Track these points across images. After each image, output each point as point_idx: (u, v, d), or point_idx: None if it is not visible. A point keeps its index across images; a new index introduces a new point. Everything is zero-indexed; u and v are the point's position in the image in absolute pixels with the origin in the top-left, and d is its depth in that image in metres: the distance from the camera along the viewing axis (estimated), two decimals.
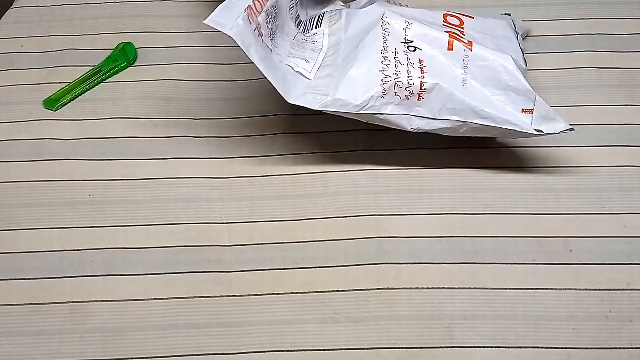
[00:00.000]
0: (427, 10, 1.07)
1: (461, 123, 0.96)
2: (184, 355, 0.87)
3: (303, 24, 1.07)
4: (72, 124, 1.11)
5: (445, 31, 1.01)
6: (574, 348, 0.85)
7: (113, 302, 0.91)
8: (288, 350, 0.86)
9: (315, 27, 1.06)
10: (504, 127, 0.95)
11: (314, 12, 1.10)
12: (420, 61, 0.97)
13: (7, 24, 1.29)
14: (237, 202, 1.00)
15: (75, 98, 1.15)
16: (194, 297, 0.91)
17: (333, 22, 1.06)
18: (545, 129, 0.94)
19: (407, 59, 0.98)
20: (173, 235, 0.97)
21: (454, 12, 1.08)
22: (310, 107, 0.95)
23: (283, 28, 1.02)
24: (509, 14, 1.16)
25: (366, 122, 0.99)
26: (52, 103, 1.14)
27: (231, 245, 0.95)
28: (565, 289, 0.90)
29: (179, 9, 1.29)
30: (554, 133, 0.95)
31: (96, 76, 1.17)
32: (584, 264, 0.92)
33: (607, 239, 0.94)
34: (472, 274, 0.91)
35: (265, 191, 1.01)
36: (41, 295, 0.91)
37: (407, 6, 1.10)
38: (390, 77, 0.96)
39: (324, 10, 1.09)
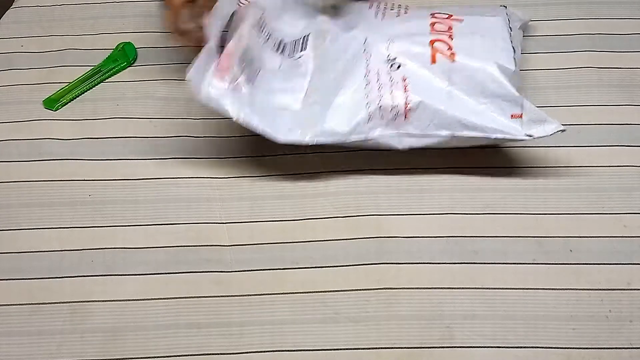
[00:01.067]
0: (414, 18, 1.06)
1: (450, 136, 0.96)
2: (184, 355, 0.87)
3: (288, 47, 1.07)
4: (72, 124, 1.11)
5: (430, 41, 1.00)
6: (574, 348, 0.85)
7: (113, 302, 0.91)
8: (288, 350, 0.86)
9: (301, 50, 1.06)
10: (493, 136, 0.95)
11: (294, 30, 1.09)
12: (403, 79, 0.97)
13: (7, 24, 1.29)
14: (237, 202, 1.00)
15: (75, 98, 1.15)
16: (194, 297, 0.91)
17: (318, 45, 1.06)
18: (536, 132, 0.94)
19: (390, 79, 0.98)
20: (173, 235, 0.97)
21: (444, 13, 1.07)
22: (301, 143, 0.97)
23: (264, 64, 1.03)
24: (505, 6, 1.13)
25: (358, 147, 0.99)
26: (52, 103, 1.14)
27: (231, 245, 0.95)
28: (565, 289, 0.90)
29: None
30: (546, 136, 0.94)
31: (96, 76, 1.17)
32: (584, 264, 0.92)
33: (607, 239, 0.94)
34: (472, 274, 0.91)
35: (265, 191, 1.01)
36: (41, 295, 0.92)
37: (396, 9, 1.09)
38: (374, 100, 0.97)
39: (309, 31, 1.08)
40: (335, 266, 0.93)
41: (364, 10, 1.10)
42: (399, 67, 0.98)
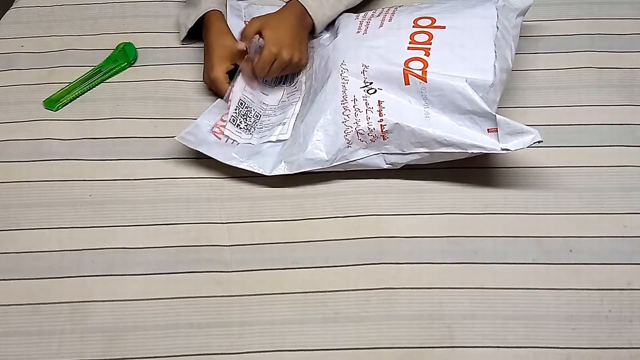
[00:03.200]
0: (395, 29, 1.05)
1: (429, 153, 0.97)
2: (184, 355, 0.87)
3: (289, 75, 1.12)
4: (72, 124, 1.11)
5: (405, 61, 0.99)
6: (574, 348, 0.85)
7: (113, 302, 0.91)
8: (288, 350, 0.86)
9: (297, 75, 1.11)
10: (470, 151, 0.95)
11: None
12: (379, 103, 0.98)
13: (7, 24, 1.29)
14: (237, 202, 1.00)
15: (75, 98, 1.15)
16: (194, 297, 0.91)
17: (307, 68, 1.11)
18: (513, 145, 0.93)
19: (366, 104, 0.99)
20: (173, 235, 0.97)
21: (428, 17, 1.05)
22: (287, 173, 0.99)
23: (263, 107, 1.09)
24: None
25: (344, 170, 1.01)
26: (52, 103, 1.14)
27: (231, 245, 0.95)
28: (565, 289, 0.90)
29: (179, 9, 1.28)
30: (524, 148, 0.93)
31: (96, 76, 1.17)
32: (584, 264, 0.92)
33: (607, 239, 0.94)
34: (472, 274, 0.91)
35: (265, 191, 1.01)
36: (41, 295, 0.92)
37: (382, 15, 1.09)
38: (351, 127, 0.99)
39: None
40: (335, 266, 0.93)
41: (349, 22, 1.10)
42: (375, 91, 0.99)
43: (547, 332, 0.86)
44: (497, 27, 1.03)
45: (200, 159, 1.05)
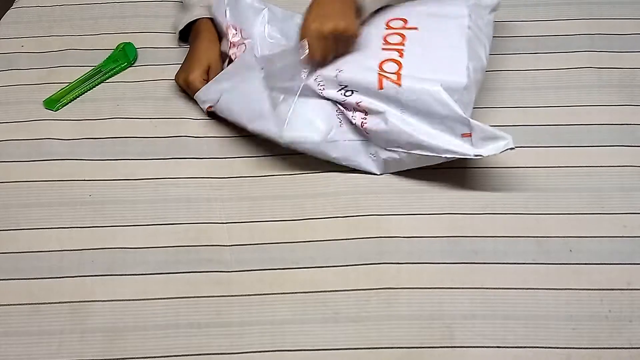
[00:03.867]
0: (366, 32, 1.05)
1: (406, 154, 0.98)
2: (184, 355, 0.87)
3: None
4: (72, 124, 1.11)
5: (379, 64, 0.99)
6: (574, 348, 0.85)
7: (113, 302, 0.91)
8: (288, 350, 0.86)
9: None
10: (443, 155, 0.95)
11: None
12: (357, 104, 0.99)
13: (7, 24, 1.29)
14: (237, 202, 1.00)
15: (75, 98, 1.15)
16: (194, 297, 0.91)
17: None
18: (485, 151, 0.93)
19: (347, 103, 1.00)
20: (173, 235, 0.97)
21: (400, 19, 1.05)
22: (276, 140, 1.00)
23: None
24: None
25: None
26: (52, 103, 1.14)
27: (231, 245, 0.95)
28: (565, 289, 0.90)
29: (178, 9, 1.28)
30: (496, 154, 0.93)
31: (96, 76, 1.17)
32: (584, 264, 0.92)
33: (607, 239, 0.94)
34: (472, 274, 0.91)
35: (265, 191, 1.01)
36: (41, 295, 0.92)
37: None
38: (339, 118, 1.01)
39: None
40: (335, 266, 0.93)
41: None
42: (352, 93, 1.00)
43: (547, 332, 0.86)
44: (469, 27, 1.03)
45: (200, 159, 1.05)
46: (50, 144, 1.08)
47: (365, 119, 0.99)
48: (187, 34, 1.20)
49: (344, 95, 1.00)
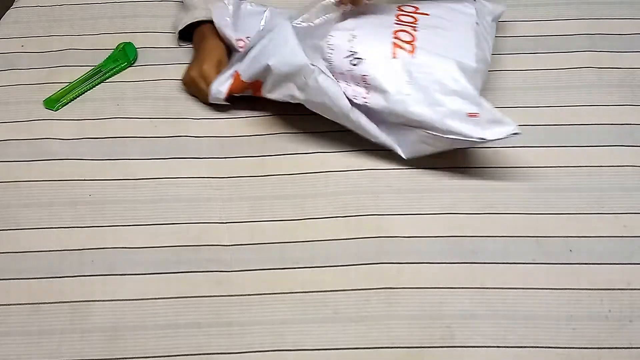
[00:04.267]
0: (379, 10, 1.06)
1: (410, 130, 0.97)
2: (184, 355, 0.87)
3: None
4: (72, 124, 1.11)
5: (393, 31, 0.99)
6: (574, 348, 0.85)
7: (113, 302, 0.91)
8: (288, 350, 0.86)
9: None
10: (446, 136, 0.95)
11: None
12: (363, 77, 0.98)
13: (7, 24, 1.29)
14: (237, 202, 1.00)
15: (75, 98, 1.15)
16: (194, 296, 0.91)
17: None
18: (490, 134, 0.93)
19: (352, 77, 0.99)
20: (173, 235, 0.97)
21: (411, 5, 1.07)
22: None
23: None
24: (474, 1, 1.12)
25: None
26: (52, 103, 1.14)
27: (231, 245, 0.95)
28: (565, 289, 0.90)
29: (178, 9, 1.28)
30: (500, 139, 0.93)
31: (96, 76, 1.17)
32: (584, 264, 0.92)
33: (607, 239, 0.94)
34: (472, 274, 0.91)
35: (265, 191, 1.01)
36: (41, 295, 0.91)
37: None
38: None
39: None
40: (335, 266, 0.92)
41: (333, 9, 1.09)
42: (359, 61, 0.98)
43: (547, 332, 0.86)
44: (477, 23, 1.05)
45: (200, 159, 1.05)
46: (50, 143, 1.08)
47: (366, 97, 0.98)
48: (186, 35, 1.20)
49: (351, 63, 0.99)
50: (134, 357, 0.87)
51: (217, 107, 1.12)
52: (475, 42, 1.01)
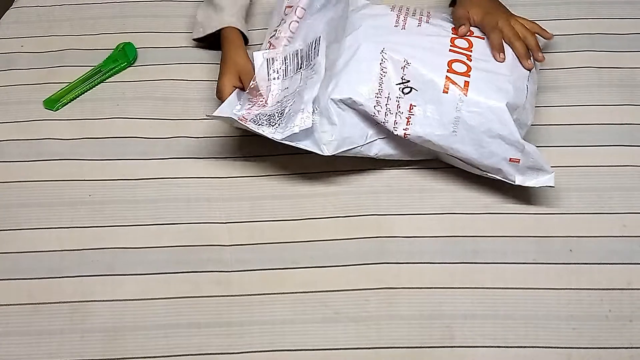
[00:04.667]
0: (435, 32, 1.03)
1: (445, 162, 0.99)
2: (184, 355, 0.87)
3: (305, 58, 1.04)
4: (72, 124, 1.11)
5: (448, 62, 0.97)
6: (574, 348, 0.85)
7: (113, 302, 0.91)
8: (288, 350, 0.86)
9: (314, 57, 1.02)
10: (484, 173, 0.96)
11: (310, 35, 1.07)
12: (410, 108, 0.97)
13: (7, 24, 1.29)
14: (237, 202, 1.00)
15: (75, 98, 1.15)
16: (194, 296, 0.91)
17: (329, 49, 1.03)
18: (529, 182, 0.94)
19: (398, 106, 0.97)
20: (173, 235, 0.97)
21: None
22: (322, 154, 0.97)
23: (284, 100, 1.02)
24: None
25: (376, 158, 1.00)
26: (52, 103, 1.14)
27: (231, 245, 0.95)
28: (565, 289, 0.90)
29: (179, 9, 1.29)
30: (535, 187, 0.94)
31: (96, 76, 1.17)
32: (584, 263, 0.92)
33: (607, 239, 0.94)
34: (472, 274, 0.91)
35: (265, 191, 1.01)
36: (41, 295, 0.92)
37: (418, 15, 1.06)
38: (379, 121, 0.97)
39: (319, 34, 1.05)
40: (335, 266, 0.92)
41: (385, 14, 1.07)
42: (410, 91, 0.97)
43: (547, 332, 0.86)
44: None
45: (200, 159, 1.05)
46: (50, 144, 1.08)
47: (407, 129, 0.97)
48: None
49: (402, 91, 0.97)
50: (134, 357, 0.87)
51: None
52: (529, 74, 1.00)
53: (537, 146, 1.02)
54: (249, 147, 1.06)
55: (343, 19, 1.07)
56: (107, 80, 1.18)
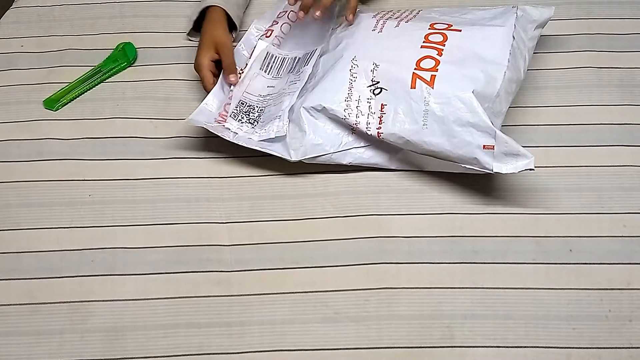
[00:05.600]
0: (410, 31, 1.05)
1: (422, 156, 0.98)
2: (184, 355, 0.87)
3: (300, 64, 1.10)
4: (72, 124, 1.11)
5: (416, 61, 0.99)
6: (574, 348, 0.85)
7: (113, 302, 0.91)
8: (288, 350, 0.86)
9: (304, 65, 1.08)
10: (462, 166, 0.95)
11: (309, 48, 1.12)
12: (382, 107, 0.98)
13: (7, 24, 1.29)
14: (237, 202, 1.00)
15: (75, 98, 1.15)
16: (194, 296, 0.91)
17: (316, 54, 1.08)
18: (505, 168, 0.92)
19: (369, 107, 0.99)
20: (173, 235, 0.97)
21: (444, 23, 1.05)
22: (292, 161, 1.00)
23: (267, 97, 1.07)
24: (516, 7, 1.08)
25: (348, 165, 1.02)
26: (52, 103, 1.14)
27: (231, 245, 0.95)
28: (565, 289, 0.90)
29: (179, 9, 1.29)
30: (514, 173, 0.92)
31: (96, 76, 1.17)
32: (584, 263, 0.92)
33: (607, 239, 0.94)
34: (472, 274, 0.91)
35: (265, 191, 1.01)
36: (41, 295, 0.92)
37: (398, 17, 1.08)
38: (350, 125, 0.99)
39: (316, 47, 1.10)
40: (335, 266, 0.93)
41: (366, 19, 1.09)
42: (380, 91, 0.99)
43: (547, 332, 0.86)
44: (514, 37, 1.02)
45: (200, 159, 1.05)
46: (50, 144, 1.08)
47: (380, 127, 0.98)
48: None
49: (373, 92, 0.99)
50: (134, 357, 0.87)
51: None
52: (507, 62, 0.99)
53: (536, 146, 1.03)
54: (249, 147, 1.06)
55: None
56: (107, 80, 1.18)
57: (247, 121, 1.05)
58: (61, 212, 1.00)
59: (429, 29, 1.04)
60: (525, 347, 0.86)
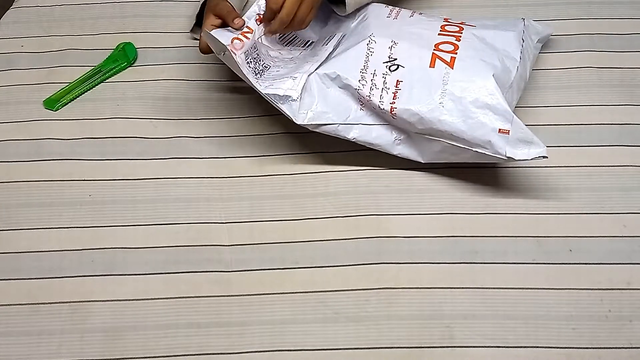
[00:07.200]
0: (426, 20, 1.06)
1: (434, 141, 0.97)
2: (184, 355, 0.87)
3: (315, 43, 1.09)
4: (72, 124, 1.11)
5: (435, 44, 0.99)
6: (574, 348, 0.85)
7: (113, 302, 0.91)
8: (288, 350, 0.86)
9: (323, 45, 1.06)
10: (474, 149, 0.94)
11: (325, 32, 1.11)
12: (397, 83, 0.98)
13: (7, 24, 1.29)
14: (237, 202, 1.00)
15: (75, 98, 1.15)
16: (194, 297, 0.91)
17: (331, 38, 1.07)
18: (520, 154, 0.92)
19: (384, 82, 0.98)
20: (173, 235, 0.97)
21: (456, 21, 1.06)
22: (308, 125, 0.98)
23: (275, 60, 1.04)
24: (524, 19, 1.10)
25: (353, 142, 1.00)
26: (52, 103, 1.14)
27: (231, 245, 0.95)
28: (565, 289, 0.90)
29: (179, 9, 1.29)
30: (527, 159, 0.92)
31: (96, 76, 1.17)
32: (584, 263, 0.92)
33: (607, 239, 0.94)
34: (472, 274, 0.91)
35: (265, 191, 1.01)
36: (41, 295, 0.92)
37: (411, 11, 1.09)
38: (364, 97, 0.98)
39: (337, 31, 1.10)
40: (335, 266, 0.93)
41: (379, 7, 1.10)
42: (397, 68, 0.99)
43: (547, 332, 0.86)
44: (523, 40, 1.04)
45: (200, 159, 1.05)
46: (50, 144, 1.08)
47: (395, 102, 0.97)
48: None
49: (389, 69, 0.99)
50: (134, 357, 0.87)
51: (217, 107, 1.12)
52: (519, 56, 1.01)
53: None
54: (249, 147, 1.06)
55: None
56: (107, 80, 1.18)
57: (254, 69, 1.01)
58: (61, 212, 1.00)
59: (444, 21, 1.06)
60: (525, 347, 0.86)
